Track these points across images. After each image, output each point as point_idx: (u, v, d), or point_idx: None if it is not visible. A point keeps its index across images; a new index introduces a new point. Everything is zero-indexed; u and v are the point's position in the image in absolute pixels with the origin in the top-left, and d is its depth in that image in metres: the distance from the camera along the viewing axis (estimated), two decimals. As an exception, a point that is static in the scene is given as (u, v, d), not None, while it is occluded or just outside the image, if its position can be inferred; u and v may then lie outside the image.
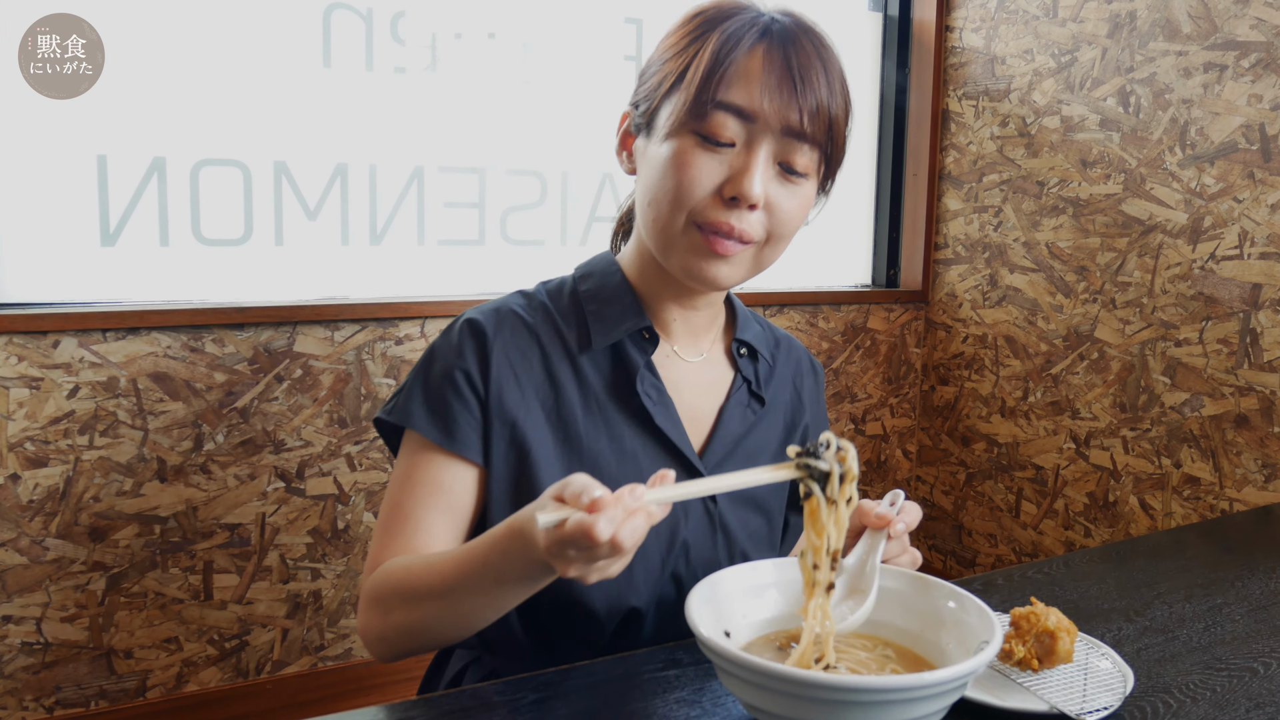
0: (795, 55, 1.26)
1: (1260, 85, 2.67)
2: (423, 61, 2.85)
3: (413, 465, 1.35)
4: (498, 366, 1.35)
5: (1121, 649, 1.49)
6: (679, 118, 1.27)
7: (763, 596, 1.27)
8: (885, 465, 3.76)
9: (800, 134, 1.27)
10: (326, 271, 2.78)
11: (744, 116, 1.26)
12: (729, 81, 1.25)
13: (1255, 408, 2.73)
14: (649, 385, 1.40)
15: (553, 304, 1.44)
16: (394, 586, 1.27)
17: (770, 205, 1.30)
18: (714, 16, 1.31)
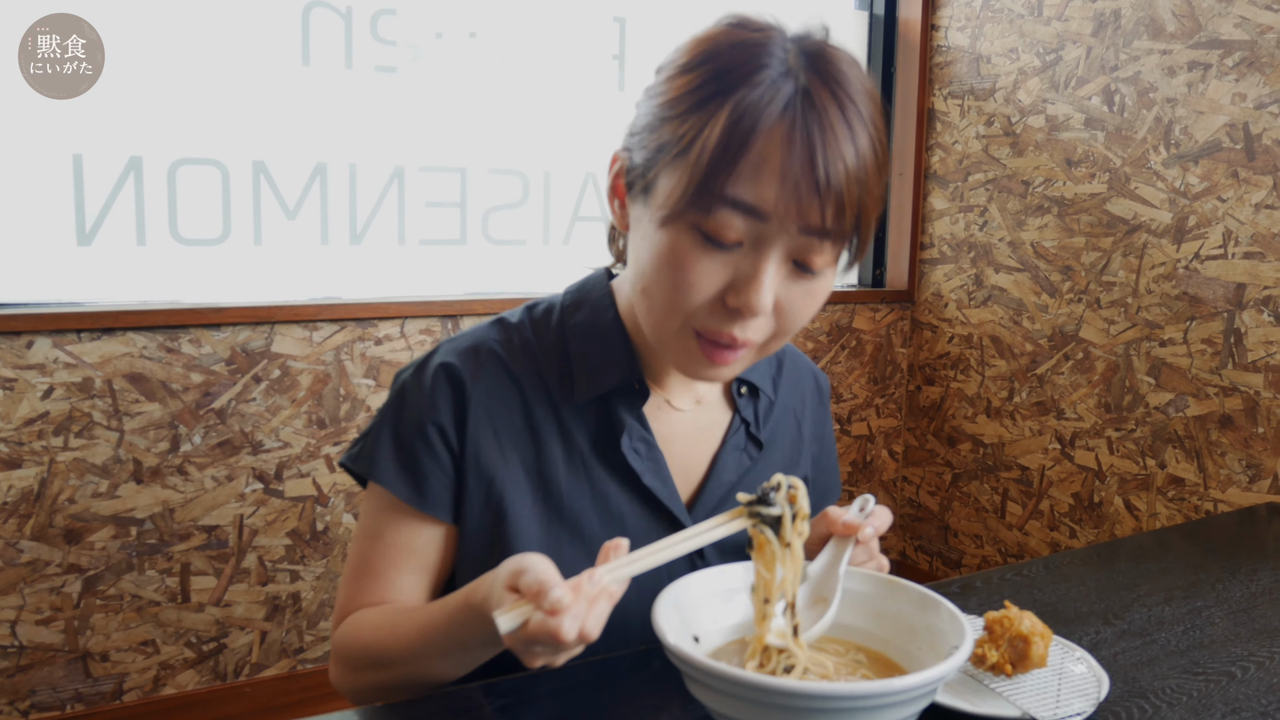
0: (822, 136, 1.02)
1: (1244, 84, 2.66)
2: (403, 60, 2.83)
3: (381, 522, 1.27)
4: (475, 420, 1.24)
5: (1098, 653, 1.47)
6: (679, 204, 1.05)
7: (733, 601, 1.25)
8: (871, 466, 3.75)
9: (822, 232, 1.05)
10: (306, 271, 2.76)
11: (755, 215, 1.04)
12: (740, 174, 1.02)
13: (1239, 408, 2.72)
14: (637, 440, 1.28)
15: (536, 340, 1.30)
16: (361, 648, 1.23)
17: (780, 307, 1.12)
18: (727, 70, 1.05)
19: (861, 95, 1.06)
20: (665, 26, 3.24)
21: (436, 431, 1.23)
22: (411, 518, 1.25)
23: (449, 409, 1.24)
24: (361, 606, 1.27)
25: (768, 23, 1.10)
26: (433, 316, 2.82)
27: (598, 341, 1.28)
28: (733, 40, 1.07)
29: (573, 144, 3.12)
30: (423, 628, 1.16)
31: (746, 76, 1.04)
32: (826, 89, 1.04)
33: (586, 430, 1.28)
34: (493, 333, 1.31)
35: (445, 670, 1.19)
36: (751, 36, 1.07)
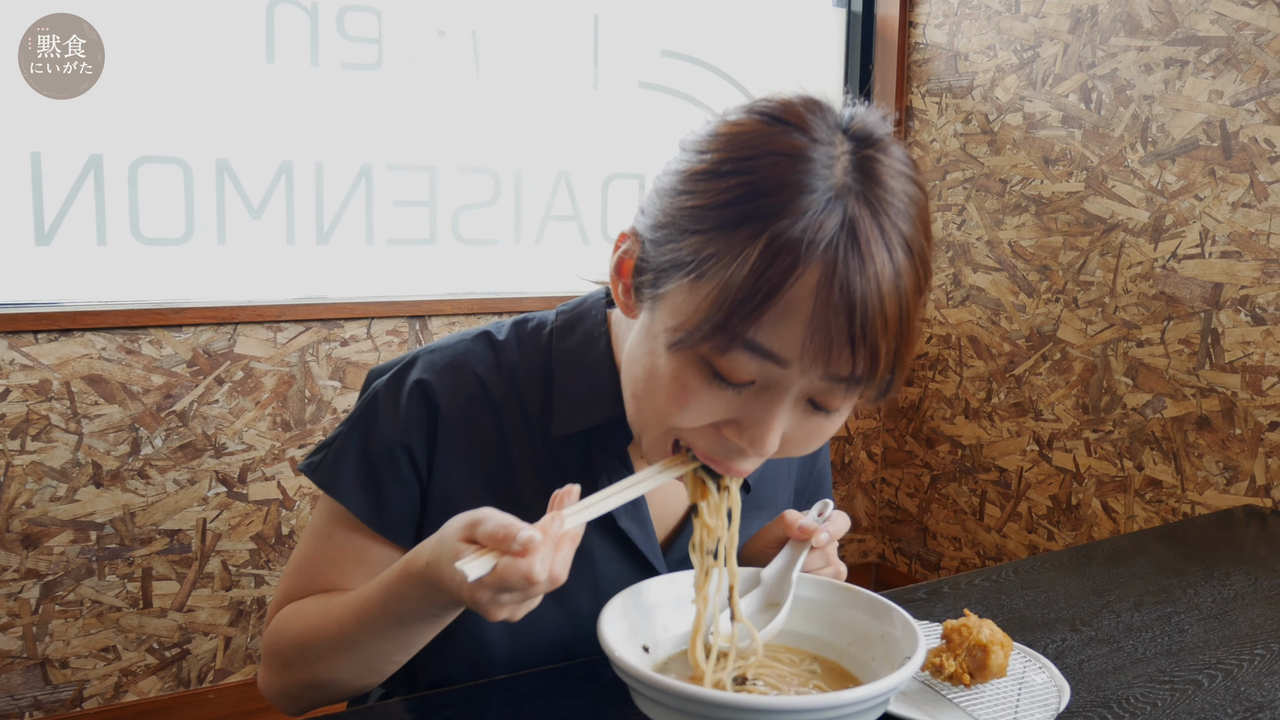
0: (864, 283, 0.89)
1: (1220, 81, 2.63)
2: (370, 57, 2.79)
3: (334, 528, 1.21)
4: (446, 445, 1.18)
5: (1063, 661, 1.44)
6: (691, 336, 0.94)
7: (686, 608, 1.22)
8: (850, 467, 3.71)
9: (850, 380, 0.94)
10: (271, 271, 2.71)
11: (775, 361, 0.92)
12: (765, 321, 0.90)
13: (1216, 409, 2.69)
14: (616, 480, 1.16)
15: (522, 362, 1.22)
16: (292, 640, 1.18)
17: (788, 441, 1.02)
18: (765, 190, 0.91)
19: (908, 211, 0.94)
20: (643, 23, 3.21)
21: (405, 454, 1.18)
22: (367, 536, 1.20)
23: (420, 432, 1.18)
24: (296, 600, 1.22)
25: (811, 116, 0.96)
26: (400, 317, 2.78)
27: (583, 373, 1.20)
28: (773, 147, 0.93)
29: (545, 142, 3.08)
30: (358, 608, 1.10)
31: (786, 202, 0.89)
32: (874, 217, 0.91)
33: (565, 465, 1.21)
34: (477, 349, 1.23)
35: (383, 655, 1.13)
36: (794, 144, 0.93)
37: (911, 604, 1.65)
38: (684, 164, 0.99)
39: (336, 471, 1.19)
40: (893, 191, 0.92)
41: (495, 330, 1.26)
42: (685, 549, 1.28)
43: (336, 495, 1.19)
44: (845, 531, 1.27)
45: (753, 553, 1.32)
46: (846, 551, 3.77)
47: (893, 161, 0.95)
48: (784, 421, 0.98)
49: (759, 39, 3.44)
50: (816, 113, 0.97)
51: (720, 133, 0.98)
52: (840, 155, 0.93)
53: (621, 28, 3.18)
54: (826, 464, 1.53)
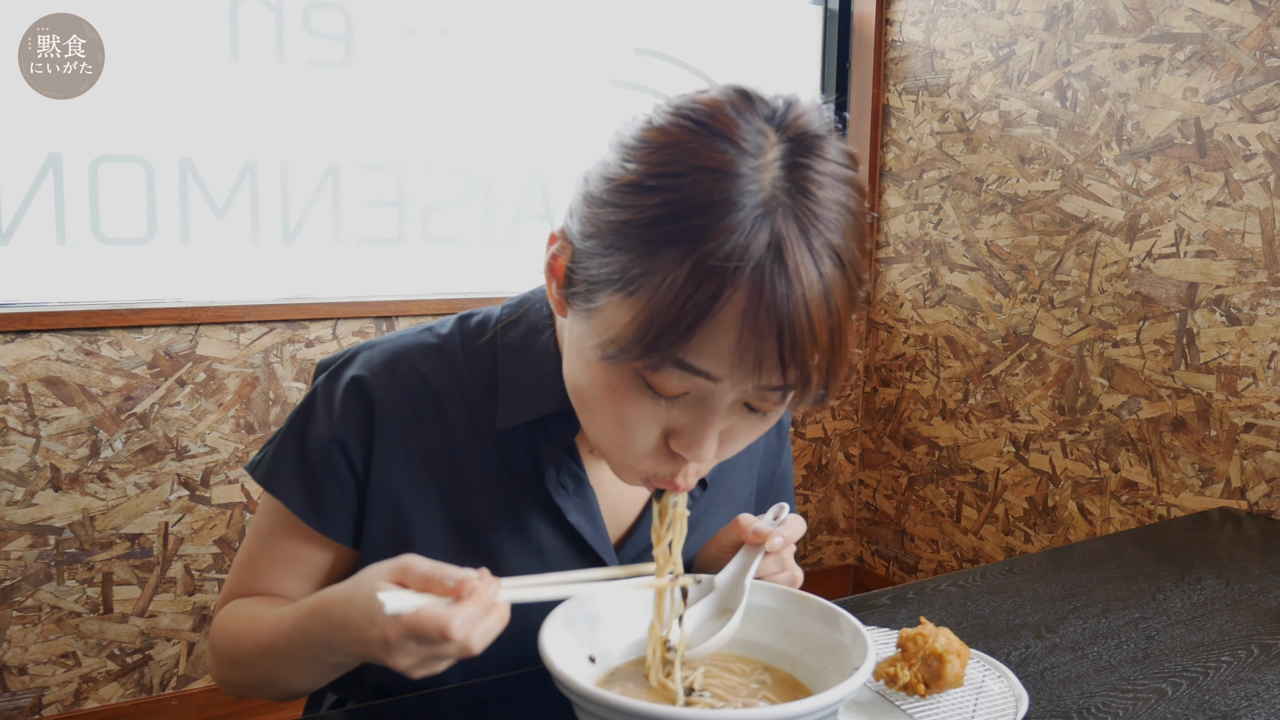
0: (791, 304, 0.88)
1: (1195, 78, 2.60)
2: (337, 55, 2.75)
3: (275, 527, 1.21)
4: (384, 440, 1.16)
5: (1025, 669, 1.41)
6: (621, 352, 0.92)
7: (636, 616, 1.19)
8: (827, 469, 3.68)
9: (783, 390, 0.93)
10: (236, 272, 2.67)
11: (707, 378, 0.92)
12: (695, 344, 0.89)
13: (1192, 410, 2.66)
14: (565, 475, 1.19)
15: (465, 356, 1.20)
16: (225, 640, 1.18)
17: (725, 439, 1.02)
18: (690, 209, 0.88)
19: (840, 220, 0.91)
20: (616, 20, 3.17)
21: (340, 450, 1.16)
22: (306, 535, 1.19)
23: (355, 428, 1.16)
24: (241, 597, 1.22)
25: (738, 120, 0.92)
26: (366, 318, 2.74)
27: (529, 365, 1.18)
28: (699, 161, 0.90)
29: (517, 141, 3.04)
30: (273, 631, 1.09)
31: (712, 224, 0.87)
32: (802, 233, 0.89)
33: (512, 459, 1.19)
34: (418, 344, 1.21)
35: (294, 680, 1.12)
36: (720, 159, 0.89)
37: (876, 610, 1.62)
38: (610, 171, 0.96)
39: (276, 469, 1.18)
40: (824, 202, 0.90)
41: (439, 326, 1.25)
42: (640, 546, 1.26)
43: (276, 493, 1.18)
44: (800, 535, 1.24)
45: (708, 558, 1.29)
46: (825, 554, 3.74)
47: (826, 165, 0.93)
48: (720, 426, 0.98)
49: (735, 37, 3.41)
50: (746, 114, 0.93)
51: (646, 140, 0.94)
52: (770, 163, 0.90)
53: (594, 25, 3.14)
54: (788, 464, 1.50)
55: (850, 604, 1.64)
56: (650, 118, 0.97)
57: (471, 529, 1.18)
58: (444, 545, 1.17)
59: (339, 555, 1.21)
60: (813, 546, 3.70)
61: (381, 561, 0.94)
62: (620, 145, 0.97)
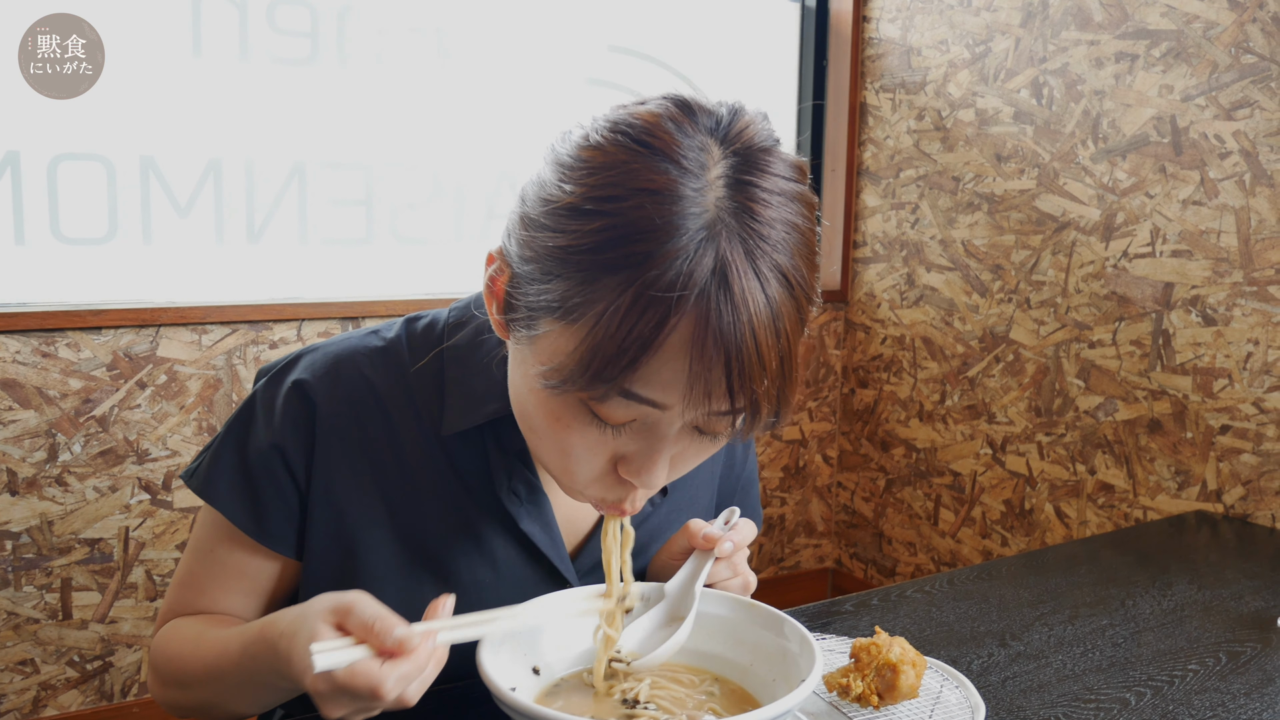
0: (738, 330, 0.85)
1: (1171, 75, 2.57)
2: (303, 52, 2.71)
3: (214, 540, 1.16)
4: (326, 446, 1.11)
5: (986, 678, 1.37)
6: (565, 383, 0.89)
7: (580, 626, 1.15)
8: (804, 471, 3.65)
9: (732, 414, 0.90)
10: (199, 272, 2.63)
11: (654, 406, 0.89)
12: (640, 375, 0.86)
13: (1168, 412, 2.63)
14: (518, 481, 1.15)
15: (412, 359, 1.16)
16: (167, 661, 1.14)
17: (675, 462, 0.98)
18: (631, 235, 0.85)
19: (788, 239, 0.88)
20: (590, 17, 3.13)
21: (279, 457, 1.11)
22: (247, 547, 1.14)
23: (296, 434, 1.12)
24: (183, 615, 1.17)
25: (680, 139, 0.89)
26: (332, 319, 2.70)
27: (476, 368, 1.13)
28: (639, 184, 0.86)
29: (487, 139, 3.00)
30: (219, 653, 1.06)
31: (654, 250, 0.84)
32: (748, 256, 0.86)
33: (461, 465, 1.14)
34: (363, 347, 1.17)
35: (243, 704, 1.09)
36: (661, 181, 0.86)
37: (840, 617, 1.59)
38: (547, 192, 0.92)
39: (213, 478, 1.13)
40: (770, 222, 0.87)
41: (385, 329, 1.20)
42: (598, 556, 1.21)
43: (214, 503, 1.13)
44: (752, 540, 1.21)
45: (660, 565, 1.26)
46: (803, 557, 3.70)
47: (772, 181, 0.89)
48: (670, 452, 0.95)
49: (711, 34, 3.38)
50: (687, 127, 0.90)
51: (584, 159, 0.90)
52: (714, 181, 0.87)
53: (567, 22, 3.10)
54: (754, 469, 1.47)
55: (814, 611, 1.60)
56: (587, 134, 0.93)
57: (421, 538, 1.14)
58: (392, 555, 1.13)
59: (283, 567, 1.17)
60: (790, 550, 3.66)
61: (327, 595, 0.91)
62: (557, 164, 0.93)
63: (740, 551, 1.20)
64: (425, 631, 0.88)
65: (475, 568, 1.15)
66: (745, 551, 1.22)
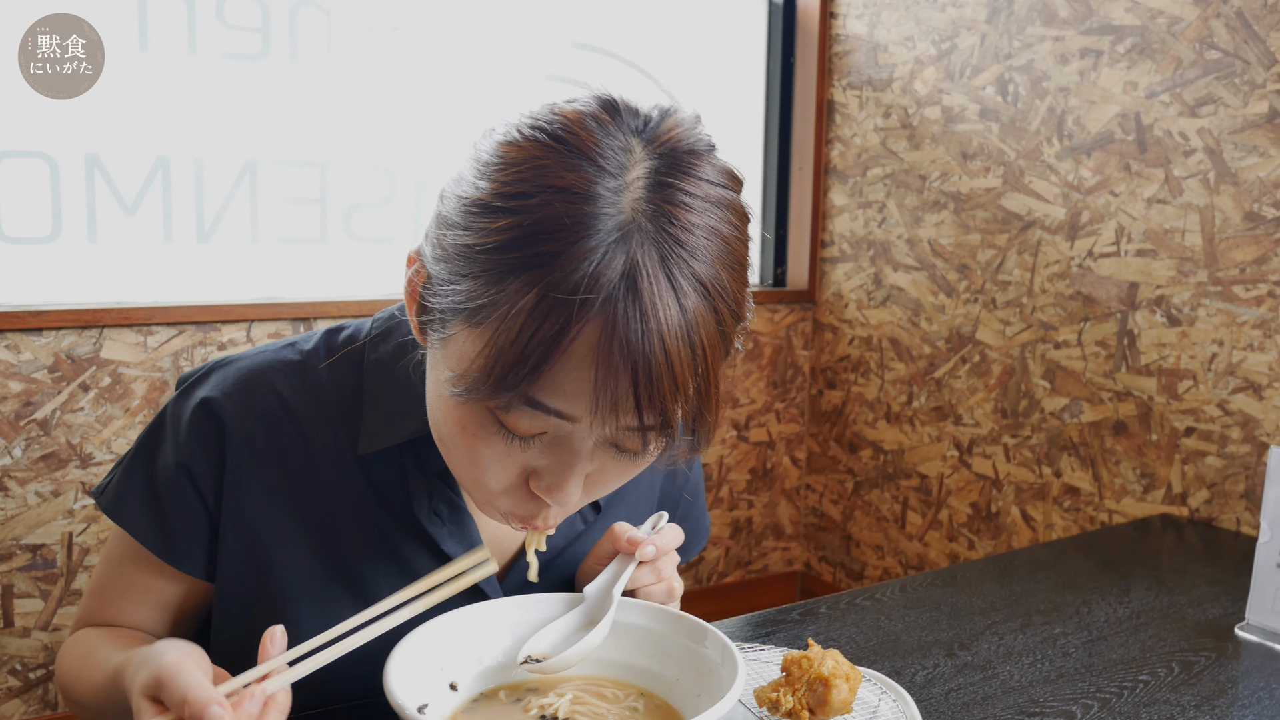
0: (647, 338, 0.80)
1: (1135, 72, 2.53)
2: (254, 47, 2.65)
3: (124, 557, 1.12)
4: (237, 465, 1.07)
5: (928, 691, 1.33)
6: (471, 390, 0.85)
7: (503, 638, 1.11)
8: (772, 473, 3.60)
9: (644, 430, 0.86)
10: (147, 272, 2.57)
11: (562, 418, 0.85)
12: (544, 382, 0.82)
13: (1133, 414, 2.59)
14: (440, 501, 1.10)
15: (330, 374, 1.11)
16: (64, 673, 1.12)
17: (592, 481, 0.94)
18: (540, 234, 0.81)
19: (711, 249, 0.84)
20: (552, 13, 3.08)
21: (187, 477, 1.07)
22: (156, 565, 1.11)
23: (204, 454, 1.07)
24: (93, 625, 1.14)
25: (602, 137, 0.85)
26: (283, 319, 2.64)
27: (397, 384, 1.09)
28: (551, 181, 0.82)
29: (445, 136, 2.94)
30: (93, 682, 1.04)
31: (561, 251, 0.80)
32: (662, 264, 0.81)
33: (380, 485, 1.10)
34: (278, 361, 1.12)
35: None
36: (576, 179, 0.82)
37: (785, 626, 1.54)
38: (462, 189, 0.89)
39: (122, 496, 1.10)
40: (691, 227, 0.83)
41: (303, 341, 1.15)
42: (525, 573, 1.14)
43: (122, 522, 1.09)
44: (675, 546, 1.16)
45: (585, 571, 1.22)
46: (771, 560, 3.66)
47: (699, 186, 0.85)
48: (584, 469, 0.91)
49: (677, 30, 3.33)
50: (611, 127, 0.86)
51: (500, 155, 0.87)
52: (633, 183, 0.83)
53: (530, 18, 3.05)
54: (699, 480, 1.41)
55: (760, 620, 1.56)
56: (509, 130, 0.89)
57: (338, 559, 1.09)
58: (308, 576, 1.09)
59: (191, 586, 1.13)
60: (758, 553, 3.62)
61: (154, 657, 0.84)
62: (475, 161, 0.90)
63: (667, 557, 1.16)
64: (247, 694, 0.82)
65: (397, 588, 1.06)
66: (674, 557, 1.18)
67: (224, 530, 1.08)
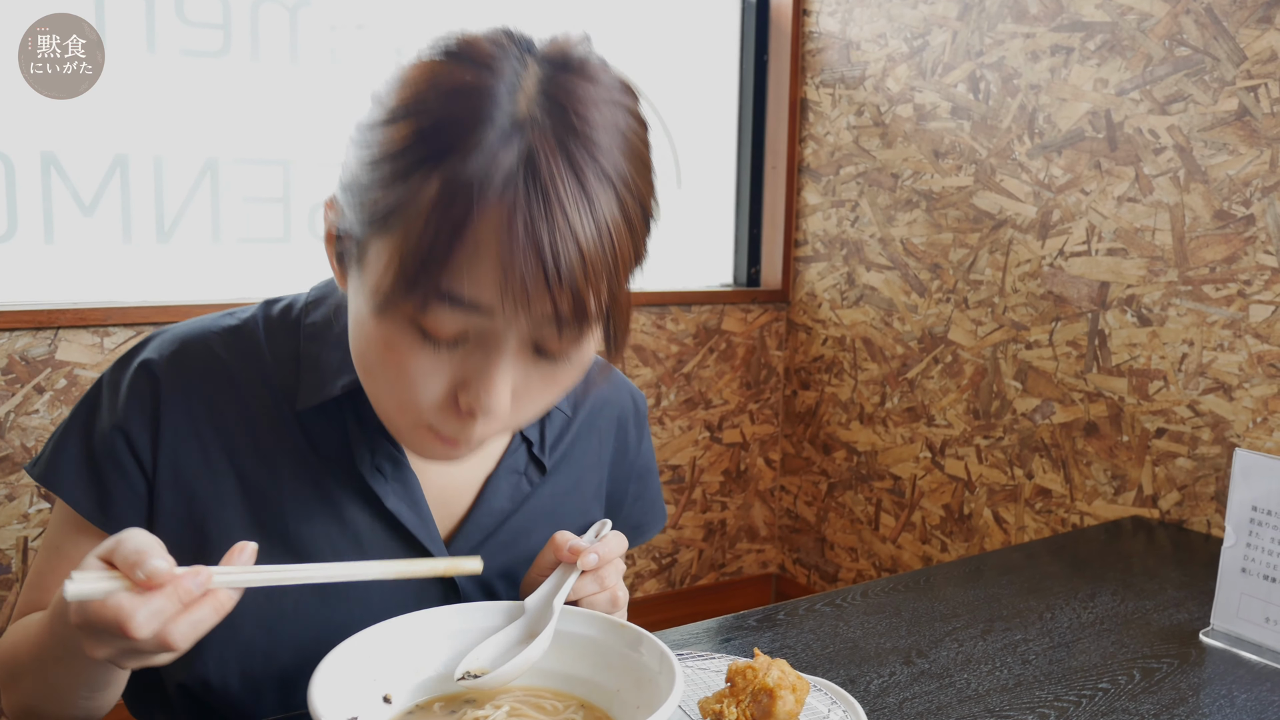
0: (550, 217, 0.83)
1: (1106, 69, 2.51)
2: (214, 44, 2.61)
3: (62, 535, 1.10)
4: (172, 427, 1.07)
5: (883, 700, 1.30)
6: (389, 295, 0.87)
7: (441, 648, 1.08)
8: (745, 475, 3.57)
9: (559, 322, 0.87)
10: (106, 272, 2.53)
11: (476, 311, 0.86)
12: (455, 267, 0.83)
13: (1104, 414, 2.56)
14: (382, 457, 1.10)
15: (267, 337, 1.12)
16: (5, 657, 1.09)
17: (520, 395, 0.94)
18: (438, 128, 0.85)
19: (612, 142, 0.87)
20: (522, 8, 3.05)
21: (123, 440, 1.06)
22: (94, 535, 1.08)
23: (140, 415, 1.07)
24: None
25: (495, 50, 0.89)
26: (244, 320, 2.60)
27: (332, 343, 1.09)
28: (447, 86, 0.87)
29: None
30: (40, 630, 1.01)
31: (460, 139, 0.83)
32: (561, 149, 0.84)
33: (321, 442, 1.10)
34: (215, 326, 1.13)
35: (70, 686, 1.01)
36: (470, 81, 0.86)
37: (742, 633, 1.51)
38: (364, 119, 0.93)
39: (56, 464, 1.08)
40: (591, 121, 0.86)
41: (241, 311, 1.16)
42: (475, 537, 1.17)
43: (56, 489, 1.07)
44: (619, 554, 1.14)
45: (529, 583, 1.19)
46: (745, 562, 3.63)
47: (593, 87, 0.89)
48: (510, 374, 0.91)
49: (650, 28, 3.29)
50: (504, 43, 0.90)
51: (396, 79, 0.91)
52: (527, 85, 0.87)
53: (495, 15, 3.00)
54: (650, 458, 1.40)
55: (717, 626, 1.53)
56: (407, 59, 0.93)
57: (277, 520, 1.09)
58: (247, 536, 1.07)
59: None
60: (732, 555, 3.59)
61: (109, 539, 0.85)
62: (373, 97, 0.94)
63: (611, 565, 1.13)
64: (192, 571, 0.82)
65: (339, 548, 1.10)
66: (619, 566, 1.16)
67: (160, 491, 1.07)
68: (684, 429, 3.38)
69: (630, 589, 3.32)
